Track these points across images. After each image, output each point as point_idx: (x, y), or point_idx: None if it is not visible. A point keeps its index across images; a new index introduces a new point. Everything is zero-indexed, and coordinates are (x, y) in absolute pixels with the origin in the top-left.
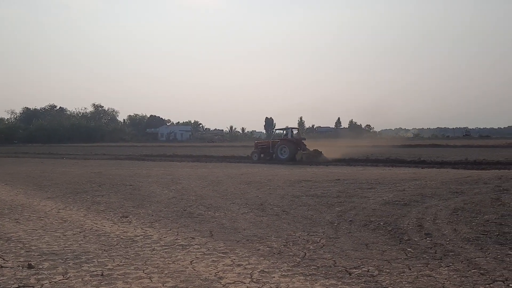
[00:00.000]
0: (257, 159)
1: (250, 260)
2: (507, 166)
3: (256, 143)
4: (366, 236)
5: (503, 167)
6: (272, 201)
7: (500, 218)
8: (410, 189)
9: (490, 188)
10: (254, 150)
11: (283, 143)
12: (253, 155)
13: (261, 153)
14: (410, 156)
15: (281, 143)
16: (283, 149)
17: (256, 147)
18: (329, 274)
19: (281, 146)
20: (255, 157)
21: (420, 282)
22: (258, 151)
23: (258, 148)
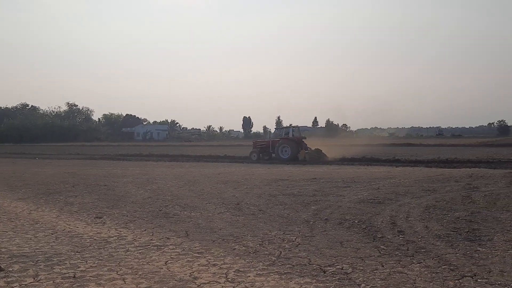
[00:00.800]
0: (256, 158)
1: (225, 259)
2: (477, 164)
3: (255, 143)
4: (341, 234)
5: (474, 165)
6: (248, 200)
7: (470, 215)
8: (384, 187)
9: (461, 186)
10: (253, 149)
11: (285, 142)
12: (252, 155)
13: (260, 152)
14: (385, 155)
15: (283, 142)
16: (284, 149)
17: (254, 147)
18: (304, 273)
19: (282, 146)
20: (254, 156)
21: (392, 279)
22: (257, 150)
23: (257, 148)
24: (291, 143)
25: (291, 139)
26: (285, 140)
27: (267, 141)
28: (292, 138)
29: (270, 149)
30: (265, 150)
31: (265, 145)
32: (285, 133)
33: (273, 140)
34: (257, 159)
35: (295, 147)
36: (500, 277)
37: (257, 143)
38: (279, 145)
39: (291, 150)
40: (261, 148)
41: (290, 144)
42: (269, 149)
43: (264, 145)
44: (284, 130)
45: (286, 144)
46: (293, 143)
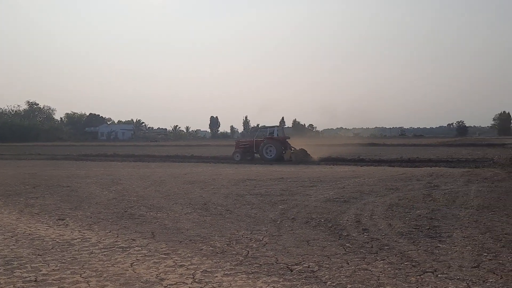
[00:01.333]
0: (239, 159)
1: (192, 260)
2: (437, 163)
3: (237, 143)
4: (308, 233)
5: (434, 164)
6: (216, 200)
7: (431, 213)
8: (349, 186)
9: (423, 184)
10: (236, 150)
11: (269, 142)
12: (235, 155)
13: (243, 152)
14: (350, 155)
15: (267, 142)
16: (268, 149)
17: (237, 147)
18: (271, 271)
19: (267, 146)
20: (237, 157)
21: (357, 276)
22: (240, 151)
23: (239, 148)
24: (276, 143)
25: (275, 139)
26: (270, 140)
27: (250, 141)
28: (277, 137)
29: (254, 149)
30: (249, 150)
31: (249, 145)
32: (269, 133)
33: (257, 140)
34: (240, 159)
35: (279, 147)
36: (459, 272)
37: (240, 143)
38: (264, 145)
39: (276, 150)
40: (244, 148)
41: (274, 144)
42: (252, 149)
43: (247, 145)
44: (268, 129)
45: (270, 144)
46: (277, 143)
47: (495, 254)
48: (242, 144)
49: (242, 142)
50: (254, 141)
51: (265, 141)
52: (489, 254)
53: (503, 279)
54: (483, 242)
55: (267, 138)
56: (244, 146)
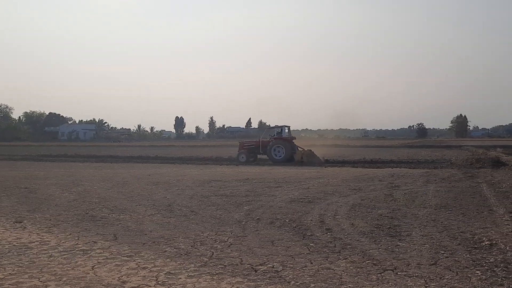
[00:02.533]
0: (245, 160)
1: (156, 262)
2: (398, 164)
3: (242, 143)
4: (272, 233)
5: (395, 165)
6: (180, 201)
7: (391, 212)
8: (314, 187)
9: (384, 184)
10: (241, 150)
11: (278, 142)
12: (240, 156)
13: (249, 153)
14: None
15: (276, 142)
16: (277, 149)
17: (241, 148)
18: (236, 272)
19: (275, 146)
20: (242, 158)
21: (320, 275)
22: (245, 151)
23: (244, 149)
24: (285, 143)
25: (285, 139)
26: (279, 140)
27: (256, 141)
28: (286, 138)
29: (260, 150)
30: (254, 151)
31: (254, 145)
32: (277, 133)
33: (263, 141)
34: (246, 160)
35: (289, 147)
36: (417, 270)
37: (245, 143)
38: (272, 145)
39: (285, 151)
40: (249, 148)
41: (284, 145)
42: (258, 150)
43: (252, 145)
44: (275, 129)
45: (280, 144)
46: (287, 144)
47: (451, 252)
48: (247, 145)
49: (247, 142)
50: (260, 141)
51: (273, 141)
52: (446, 252)
53: (458, 276)
54: (441, 240)
55: (275, 138)
56: (249, 146)
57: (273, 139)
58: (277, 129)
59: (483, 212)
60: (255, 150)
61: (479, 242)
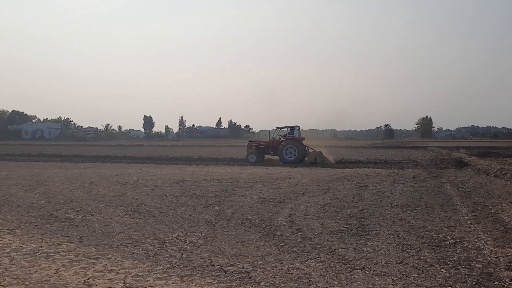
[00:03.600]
0: (254, 160)
1: (123, 264)
2: (366, 164)
3: (250, 143)
4: (243, 234)
5: (364, 165)
6: (149, 202)
7: (360, 212)
8: (284, 187)
9: (353, 184)
10: (250, 150)
11: (291, 143)
12: (249, 157)
13: (258, 153)
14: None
15: (288, 143)
16: (289, 149)
17: (250, 148)
18: (205, 274)
19: (287, 146)
20: (252, 158)
21: (290, 275)
22: (254, 151)
23: (253, 149)
24: (298, 144)
25: (297, 139)
26: (291, 140)
27: (265, 141)
28: (298, 138)
29: (270, 150)
30: (263, 151)
31: (263, 145)
32: (288, 133)
33: (274, 141)
34: (255, 160)
35: (301, 148)
36: (385, 268)
37: (253, 143)
38: (284, 145)
39: (297, 152)
40: (259, 149)
41: (296, 145)
42: (268, 150)
43: (262, 145)
44: (287, 129)
45: (292, 145)
46: (299, 144)
47: (417, 250)
48: (256, 145)
49: (256, 142)
50: (271, 141)
51: (285, 141)
52: (412, 251)
53: (424, 274)
54: (407, 239)
55: (287, 138)
56: (258, 146)
57: (284, 139)
58: (289, 129)
59: (447, 211)
60: (264, 150)
61: (443, 240)
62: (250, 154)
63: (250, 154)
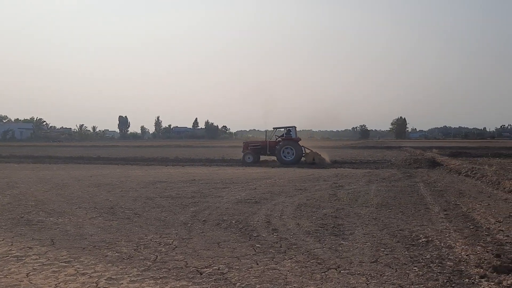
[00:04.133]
0: (251, 161)
1: (96, 267)
2: (342, 164)
3: (246, 144)
4: (219, 235)
5: (339, 165)
6: (123, 204)
7: (335, 212)
8: (261, 187)
9: (329, 184)
10: (247, 151)
11: (288, 143)
12: (246, 157)
13: (255, 154)
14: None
15: (286, 143)
16: (287, 150)
17: (246, 148)
18: (180, 276)
19: (285, 147)
20: (248, 159)
21: (266, 276)
22: (251, 152)
23: (250, 149)
24: (296, 144)
25: (294, 140)
26: (289, 141)
27: (262, 142)
28: (295, 139)
29: (267, 151)
30: (260, 152)
31: (260, 146)
32: (286, 134)
33: (270, 141)
34: (252, 161)
35: (300, 149)
36: (359, 268)
37: (249, 143)
38: (281, 146)
39: (295, 152)
40: (255, 149)
41: (294, 146)
42: (265, 151)
43: (258, 146)
44: (284, 130)
45: (289, 145)
46: (297, 145)
47: (391, 249)
48: (253, 145)
49: (252, 143)
50: (267, 142)
51: (283, 142)
52: (386, 250)
53: (397, 272)
54: (381, 238)
55: (285, 139)
56: (254, 147)
57: (282, 140)
58: (285, 129)
59: (420, 210)
60: (261, 151)
61: (416, 239)
62: (247, 154)
63: (247, 155)
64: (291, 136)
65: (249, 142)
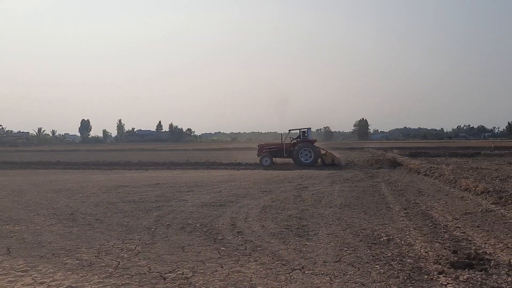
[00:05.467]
0: (269, 163)
1: (55, 276)
2: (307, 166)
3: (262, 146)
4: (183, 239)
5: (303, 167)
6: (84, 209)
7: (300, 213)
8: (226, 190)
9: (293, 186)
10: (264, 154)
11: (307, 145)
12: (263, 160)
13: (272, 156)
14: (228, 158)
15: (304, 145)
16: (304, 152)
17: (263, 151)
18: (143, 282)
19: (303, 149)
20: (266, 162)
21: (231, 279)
22: (268, 154)
23: (266, 152)
24: (313, 146)
25: (311, 141)
26: (306, 142)
27: (278, 144)
28: (312, 140)
29: (284, 153)
30: (276, 154)
31: (276, 148)
32: (302, 136)
33: (287, 143)
34: (270, 164)
35: (317, 150)
36: (323, 267)
37: (265, 146)
38: (300, 148)
39: (313, 154)
40: (271, 151)
41: (312, 148)
42: (282, 153)
43: (274, 148)
44: (300, 131)
45: (308, 147)
46: (314, 146)
47: (354, 248)
48: (268, 148)
49: (267, 145)
50: (284, 144)
51: (301, 144)
52: (349, 249)
53: (360, 271)
54: (344, 238)
55: (302, 141)
56: (270, 149)
57: (299, 141)
58: (300, 131)
59: (381, 210)
60: (277, 153)
61: (378, 238)
62: (264, 157)
63: (264, 158)
64: (307, 138)
65: (264, 144)
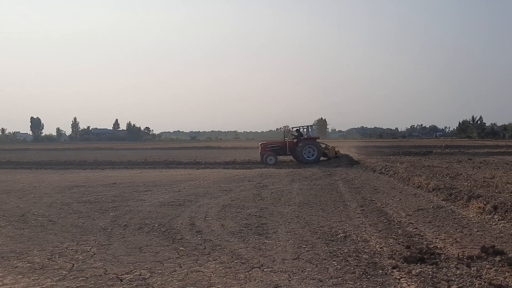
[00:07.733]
0: (273, 162)
1: (4, 280)
2: (266, 164)
3: (264, 145)
4: (140, 240)
5: (264, 165)
6: (36, 210)
7: (259, 211)
8: (185, 189)
9: (253, 185)
10: (268, 152)
11: (310, 143)
12: (268, 159)
13: (276, 154)
14: (187, 158)
15: (308, 142)
16: (308, 150)
17: (266, 150)
18: (99, 283)
19: (307, 146)
20: (270, 160)
21: (189, 279)
22: (272, 153)
23: (270, 150)
24: (317, 143)
25: (314, 138)
26: (309, 140)
27: (281, 142)
28: (315, 137)
29: (287, 151)
30: (279, 152)
31: (279, 146)
32: (306, 133)
33: (290, 141)
34: (274, 162)
35: (321, 147)
36: (282, 265)
37: (268, 145)
38: (304, 145)
39: (317, 151)
40: (275, 150)
41: (315, 145)
42: (285, 151)
43: (277, 146)
44: (302, 129)
45: (311, 144)
46: (318, 144)
47: (312, 246)
48: (270, 146)
49: (270, 144)
50: (287, 142)
51: (305, 141)
52: (307, 246)
53: (318, 267)
54: (303, 235)
55: (306, 138)
56: (273, 148)
57: (302, 139)
58: (303, 128)
59: (339, 207)
60: (280, 151)
61: (335, 234)
62: (268, 156)
63: (268, 156)
64: (310, 135)
65: (267, 143)
